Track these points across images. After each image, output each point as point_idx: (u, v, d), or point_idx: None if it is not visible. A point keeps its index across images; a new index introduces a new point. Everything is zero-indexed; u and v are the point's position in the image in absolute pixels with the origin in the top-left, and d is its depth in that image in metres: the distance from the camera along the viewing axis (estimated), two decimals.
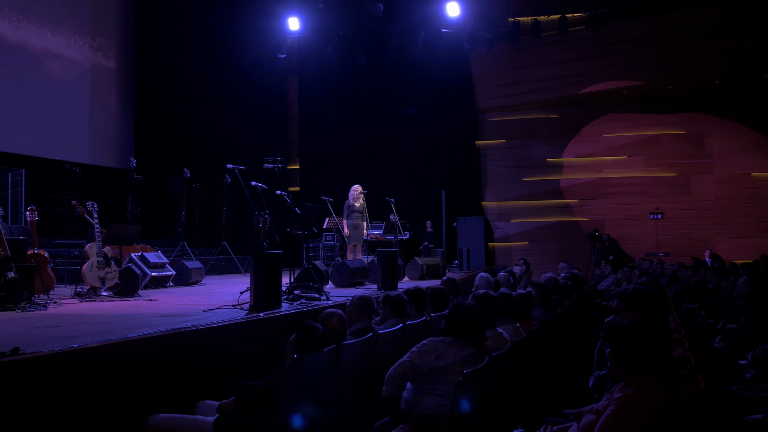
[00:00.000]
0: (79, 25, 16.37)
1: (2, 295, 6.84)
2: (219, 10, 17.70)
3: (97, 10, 16.95)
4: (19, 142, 14.18)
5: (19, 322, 5.84)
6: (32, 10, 15.03)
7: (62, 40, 15.84)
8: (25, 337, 4.78)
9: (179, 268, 10.86)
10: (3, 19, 14.38)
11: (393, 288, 9.20)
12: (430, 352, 3.94)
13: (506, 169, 18.59)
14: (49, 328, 5.35)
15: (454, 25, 17.11)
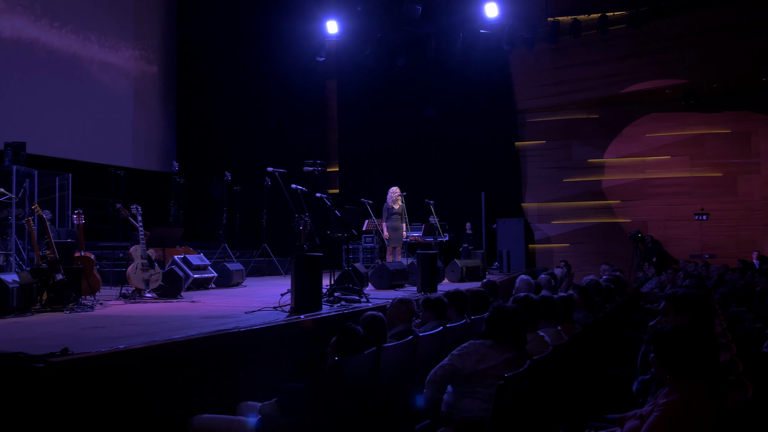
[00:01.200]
0: (123, 33, 16.70)
1: (51, 297, 7.02)
2: (258, 15, 17.88)
3: (140, 17, 17.27)
4: (66, 147, 14.52)
5: (68, 323, 5.99)
6: (78, 20, 15.39)
7: (107, 48, 16.17)
8: (73, 338, 4.90)
9: (221, 270, 11.00)
10: (50, 30, 14.75)
11: (433, 290, 9.18)
12: (471, 355, 3.93)
13: (546, 170, 18.42)
14: (96, 329, 5.47)
15: (493, 26, 17.02)
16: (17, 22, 14.17)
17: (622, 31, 16.81)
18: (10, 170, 10.17)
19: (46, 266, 7.08)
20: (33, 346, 4.19)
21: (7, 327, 5.63)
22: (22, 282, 6.64)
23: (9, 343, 4.51)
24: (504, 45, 17.17)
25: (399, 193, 12.25)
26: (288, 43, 17.89)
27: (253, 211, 14.50)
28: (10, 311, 6.34)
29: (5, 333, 5.24)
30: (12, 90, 13.80)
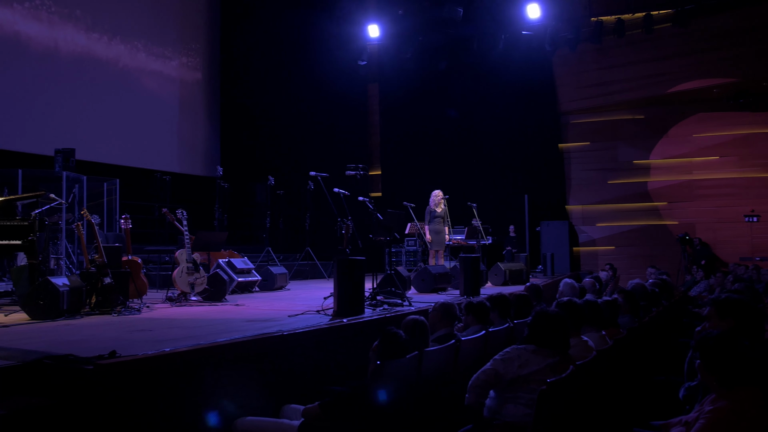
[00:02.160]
0: (169, 41, 17.02)
1: (100, 300, 7.18)
2: (301, 20, 18.03)
3: (185, 25, 17.57)
4: (113, 152, 14.84)
5: (115, 325, 6.11)
6: (126, 30, 15.75)
7: (153, 56, 16.50)
8: (120, 341, 5.00)
9: (264, 273, 11.12)
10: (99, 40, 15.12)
11: (475, 294, 9.14)
12: (513, 360, 3.91)
13: (591, 171, 18.19)
14: (143, 332, 5.57)
15: (535, 27, 16.88)
16: (69, 34, 14.55)
17: (668, 29, 16.51)
18: (60, 176, 10.46)
19: (94, 270, 7.25)
20: (82, 349, 4.30)
21: (58, 329, 5.78)
22: (72, 285, 6.80)
23: (59, 345, 4.63)
24: (546, 46, 17.01)
25: (441, 196, 12.23)
26: (330, 48, 18.00)
27: (296, 214, 14.63)
28: (60, 314, 6.50)
29: (56, 335, 5.38)
30: (62, 98, 14.16)
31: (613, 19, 16.62)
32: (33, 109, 13.54)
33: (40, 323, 6.23)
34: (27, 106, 13.45)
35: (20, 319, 6.47)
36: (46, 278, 6.67)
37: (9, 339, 5.07)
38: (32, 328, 5.87)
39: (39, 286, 6.60)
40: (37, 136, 13.20)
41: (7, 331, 5.67)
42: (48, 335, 5.38)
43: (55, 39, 14.33)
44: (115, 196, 12.33)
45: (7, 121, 13.03)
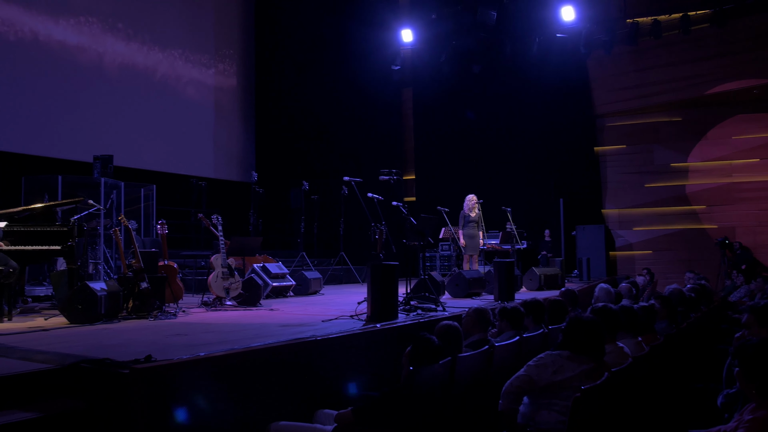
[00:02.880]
0: (204, 48, 17.22)
1: (136, 304, 7.28)
2: (335, 25, 18.12)
3: (219, 32, 17.77)
4: (150, 158, 15.05)
5: (152, 329, 6.19)
6: (161, 37, 15.98)
7: (188, 63, 16.72)
8: (156, 345, 5.07)
9: (299, 278, 11.17)
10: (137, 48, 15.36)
11: (510, 299, 9.09)
12: (548, 366, 3.87)
13: (627, 175, 17.95)
14: (179, 337, 5.64)
15: (570, 30, 16.74)
16: (110, 45, 14.80)
17: (706, 30, 16.25)
18: (98, 182, 10.63)
19: (131, 275, 7.36)
20: (119, 353, 4.37)
21: (96, 333, 5.87)
22: (110, 290, 6.91)
23: (97, 349, 4.71)
24: (581, 48, 16.86)
25: (476, 200, 12.19)
26: (364, 53, 18.06)
27: (330, 219, 14.66)
28: (98, 318, 6.61)
29: (94, 339, 5.47)
30: (101, 106, 14.41)
31: (650, 21, 16.41)
32: (72, 117, 13.80)
33: (78, 327, 6.34)
34: (67, 114, 13.71)
35: (59, 323, 6.59)
36: (84, 283, 6.78)
37: (48, 342, 5.17)
38: (71, 332, 5.97)
39: (78, 290, 6.72)
40: (77, 143, 13.45)
41: (47, 334, 5.79)
42: (86, 339, 5.47)
43: (96, 50, 14.60)
44: (152, 201, 12.50)
45: (47, 129, 13.30)
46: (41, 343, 5.14)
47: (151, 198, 12.50)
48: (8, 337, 5.43)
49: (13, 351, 4.63)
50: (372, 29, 17.94)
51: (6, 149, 12.57)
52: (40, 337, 5.55)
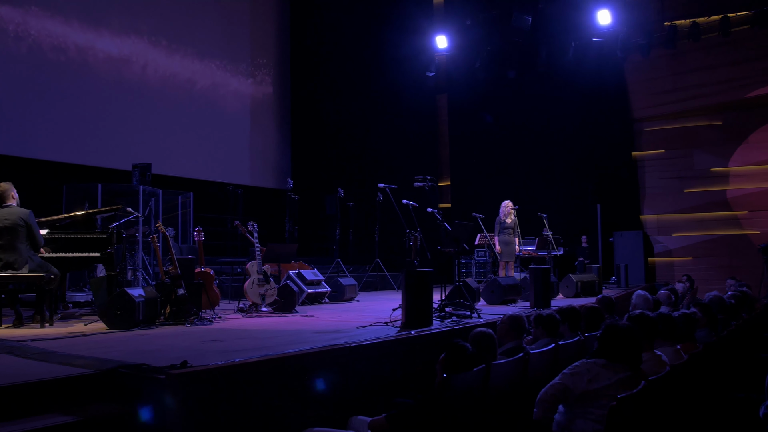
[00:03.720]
0: (240, 57, 17.44)
1: (174, 310, 7.37)
2: (369, 33, 18.21)
3: (255, 41, 17.98)
4: (188, 166, 15.27)
5: (188, 335, 6.26)
6: (199, 47, 16.25)
7: (225, 72, 16.95)
8: (192, 351, 5.12)
9: (334, 284, 11.21)
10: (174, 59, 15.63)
11: (546, 306, 9.01)
12: (583, 375, 3.81)
13: (666, 180, 17.67)
14: (214, 342, 5.69)
15: (606, 34, 16.55)
16: (149, 56, 15.08)
17: (746, 32, 15.95)
18: (137, 190, 10.80)
19: (169, 281, 7.45)
20: (155, 358, 4.42)
21: (134, 339, 5.95)
22: (148, 296, 7.00)
23: (134, 355, 4.77)
24: (618, 52, 16.66)
25: (511, 206, 12.12)
26: (399, 59, 18.09)
27: (366, 226, 14.71)
28: (136, 324, 6.70)
29: (131, 344, 5.54)
30: (140, 115, 14.67)
31: (688, 23, 16.17)
32: (112, 126, 14.07)
33: (117, 333, 6.43)
34: (106, 123, 13.98)
35: (99, 328, 6.69)
36: (122, 289, 6.88)
37: (87, 348, 5.26)
38: (109, 338, 6.06)
39: (116, 296, 6.82)
40: (116, 152, 13.71)
41: (86, 340, 5.88)
42: (124, 344, 5.55)
43: (137, 62, 14.89)
44: (189, 209, 12.66)
45: (88, 138, 13.58)
46: (80, 348, 5.23)
47: (188, 205, 12.67)
48: (49, 342, 5.54)
49: (53, 355, 4.72)
50: (407, 36, 17.97)
51: (48, 158, 12.88)
52: (79, 342, 5.64)
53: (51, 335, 6.07)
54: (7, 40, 12.65)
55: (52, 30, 13.34)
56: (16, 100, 12.64)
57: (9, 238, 6.84)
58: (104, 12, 14.30)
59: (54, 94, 13.24)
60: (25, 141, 12.68)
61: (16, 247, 6.85)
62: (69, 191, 10.82)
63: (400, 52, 18.05)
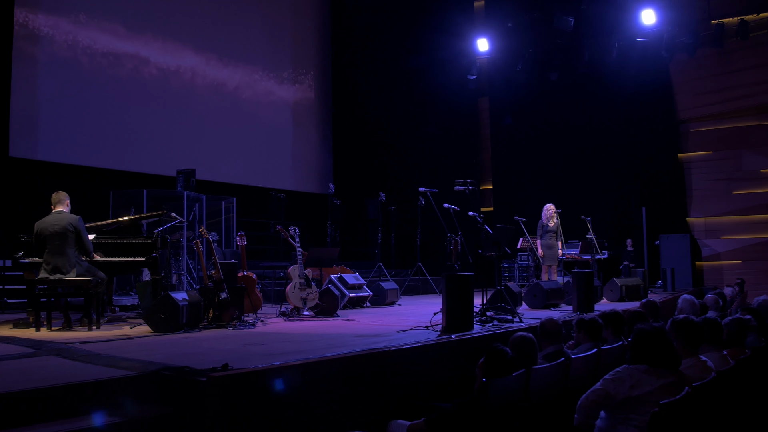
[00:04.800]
0: (282, 63, 17.62)
1: (216, 314, 7.48)
2: (409, 37, 18.22)
3: (297, 47, 18.15)
4: (231, 172, 15.49)
5: (231, 339, 6.34)
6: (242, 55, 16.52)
7: (267, 78, 17.14)
8: (234, 354, 5.19)
9: (376, 288, 11.22)
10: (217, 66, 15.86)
11: (589, 310, 8.89)
12: (624, 381, 3.75)
13: (714, 182, 17.29)
14: (256, 346, 5.75)
15: (650, 33, 16.28)
16: (191, 62, 15.33)
17: None
18: (181, 196, 10.98)
19: (212, 285, 7.55)
20: (197, 361, 4.49)
21: (177, 342, 6.05)
22: (191, 300, 7.11)
23: (177, 357, 4.85)
24: (663, 52, 16.37)
25: (554, 210, 12.01)
26: (440, 63, 18.05)
27: (408, 230, 14.69)
28: (180, 327, 6.80)
29: (175, 348, 5.63)
30: (184, 122, 14.92)
31: (736, 21, 15.82)
32: (157, 132, 14.34)
33: (161, 336, 6.54)
34: (152, 130, 14.26)
35: (143, 331, 6.82)
36: (167, 293, 7.00)
37: (132, 350, 5.36)
38: (153, 341, 6.17)
39: (160, 300, 6.94)
40: (161, 158, 13.96)
41: (131, 342, 6.00)
42: (167, 347, 5.64)
43: (180, 70, 15.15)
44: (232, 214, 12.83)
45: (134, 145, 13.86)
46: (125, 350, 5.34)
47: (231, 210, 12.83)
48: (95, 345, 5.66)
49: (99, 358, 4.82)
50: (448, 39, 17.93)
51: (96, 165, 13.17)
52: (124, 345, 5.75)
53: (97, 338, 6.21)
54: (56, 51, 12.99)
55: (100, 40, 13.66)
56: (66, 110, 12.96)
57: (58, 243, 7.01)
58: (152, 23, 14.60)
59: (102, 103, 13.55)
60: (74, 149, 13.00)
61: (64, 251, 7.02)
62: (116, 197, 11.06)
63: (441, 55, 18.02)
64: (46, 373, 4.33)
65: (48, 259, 7.02)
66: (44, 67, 12.78)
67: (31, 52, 12.62)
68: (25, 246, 7.62)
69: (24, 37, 12.47)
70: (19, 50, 12.32)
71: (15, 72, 12.15)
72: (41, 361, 4.95)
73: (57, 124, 12.79)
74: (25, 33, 12.50)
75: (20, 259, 7.60)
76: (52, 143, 12.71)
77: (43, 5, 12.83)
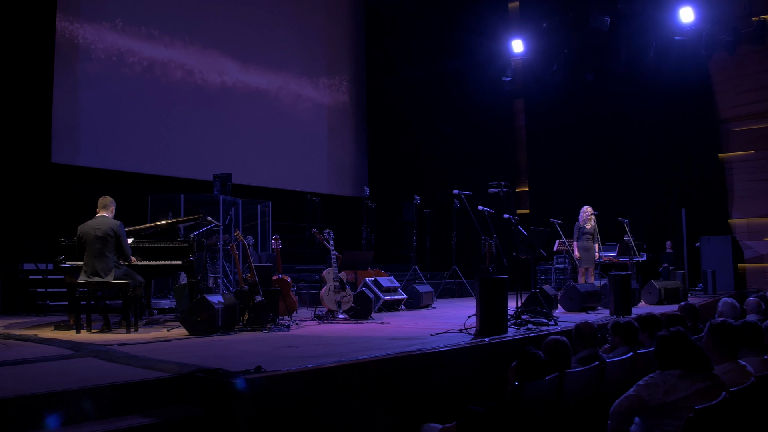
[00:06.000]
0: (317, 68, 17.74)
1: (251, 317, 7.54)
2: (443, 39, 18.21)
3: (331, 51, 18.25)
4: (267, 176, 15.64)
5: (265, 341, 6.39)
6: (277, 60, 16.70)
7: (302, 82, 17.28)
8: (268, 356, 5.23)
9: (410, 291, 11.22)
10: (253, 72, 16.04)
11: (626, 313, 8.78)
12: (659, 386, 3.69)
13: (756, 182, 16.90)
14: (289, 348, 5.79)
15: (689, 31, 16.00)
16: (228, 67, 15.52)
17: None
18: (217, 200, 11.10)
19: (247, 288, 7.62)
20: (231, 363, 4.53)
21: (213, 344, 6.12)
22: (227, 303, 7.18)
23: (212, 359, 4.91)
24: (702, 51, 16.06)
25: (591, 212, 11.89)
26: (474, 65, 18.00)
27: (442, 233, 14.66)
28: (216, 330, 6.88)
29: (210, 350, 5.70)
30: (220, 127, 15.10)
31: None
32: (194, 138, 14.55)
33: (197, 338, 6.63)
34: (189, 135, 14.47)
35: (180, 334, 6.91)
36: (203, 296, 7.08)
37: (168, 352, 5.43)
38: (189, 343, 6.25)
39: (197, 303, 7.03)
40: (198, 163, 14.16)
41: (168, 345, 6.08)
42: (203, 350, 5.71)
43: (216, 76, 15.34)
44: (268, 217, 12.93)
45: (171, 151, 14.08)
46: (162, 352, 5.41)
47: (267, 214, 12.94)
48: (133, 347, 5.75)
49: (135, 359, 4.90)
50: (482, 41, 17.87)
51: (134, 170, 13.40)
52: (161, 347, 5.83)
53: (135, 340, 6.31)
54: (95, 58, 13.25)
55: (138, 47, 13.90)
56: (106, 116, 13.22)
57: (99, 247, 7.16)
58: (189, 29, 14.82)
59: (140, 109, 13.80)
60: (113, 154, 13.25)
61: (104, 255, 7.16)
62: (153, 201, 11.22)
63: (476, 57, 17.96)
64: (84, 374, 4.41)
65: (88, 262, 7.17)
66: (84, 75, 13.06)
67: (72, 59, 12.90)
68: (66, 250, 7.78)
69: (65, 45, 12.75)
70: (61, 58, 12.60)
71: (57, 80, 12.43)
72: (80, 362, 5.04)
73: (97, 130, 13.04)
74: (66, 41, 12.78)
75: (61, 262, 7.75)
76: (93, 149, 12.97)
77: (83, 14, 13.10)
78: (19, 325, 8.21)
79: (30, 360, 5.05)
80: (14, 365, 4.83)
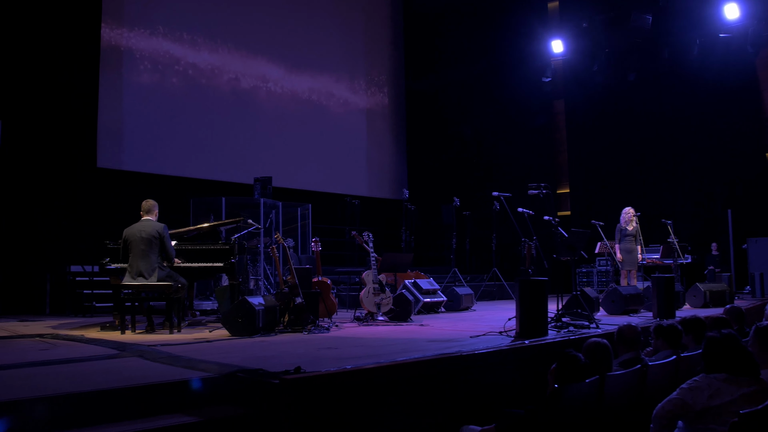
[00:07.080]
0: (356, 71, 17.83)
1: (291, 319, 7.61)
2: (483, 40, 18.14)
3: (370, 54, 18.33)
4: (306, 179, 15.76)
5: (305, 343, 6.44)
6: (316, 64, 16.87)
7: (342, 86, 17.39)
8: (307, 357, 5.27)
9: (450, 294, 11.19)
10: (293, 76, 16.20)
11: (670, 316, 8.63)
12: (703, 390, 3.62)
13: None
14: (329, 350, 5.82)
15: (734, 29, 15.66)
16: (267, 71, 15.70)
17: None
18: (258, 203, 11.22)
19: (287, 290, 7.69)
20: (271, 364, 4.58)
21: (253, 345, 6.19)
22: (267, 305, 7.25)
23: (252, 360, 4.97)
24: (748, 48, 15.70)
25: (633, 213, 11.71)
26: (514, 66, 17.90)
27: (482, 235, 14.60)
28: (256, 331, 6.95)
29: (251, 351, 5.77)
30: (260, 130, 15.29)
31: None
32: (235, 142, 14.74)
33: (238, 339, 6.71)
34: (229, 139, 14.67)
35: (222, 335, 7.01)
36: (244, 298, 7.16)
37: (210, 353, 5.51)
38: (230, 344, 6.33)
39: (238, 305, 7.11)
40: (239, 167, 14.33)
41: (210, 345, 6.17)
42: (243, 351, 5.78)
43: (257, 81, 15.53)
44: (308, 220, 13.02)
45: (212, 154, 14.28)
46: (203, 353, 5.49)
47: (307, 217, 13.03)
48: (175, 347, 5.85)
49: (178, 360, 4.98)
50: (522, 42, 17.76)
51: (177, 174, 13.63)
52: (203, 348, 5.92)
53: (178, 341, 6.41)
54: (139, 63, 13.51)
55: (179, 52, 14.14)
56: (149, 121, 13.48)
57: (144, 249, 7.30)
58: (230, 34, 15.03)
59: (182, 113, 14.03)
60: (156, 158, 13.50)
61: (148, 257, 7.31)
62: (195, 205, 11.39)
63: (516, 58, 17.85)
64: (128, 373, 4.50)
65: (132, 263, 7.32)
66: (128, 81, 13.33)
67: (117, 66, 13.18)
68: (112, 252, 7.95)
69: (110, 51, 13.03)
70: (106, 64, 12.88)
71: (102, 86, 12.71)
72: (125, 362, 5.15)
73: (140, 134, 13.30)
74: (110, 48, 13.06)
75: (107, 264, 7.92)
76: (136, 153, 13.23)
77: (126, 20, 13.38)
78: (67, 325, 8.41)
79: (77, 359, 5.18)
80: (62, 364, 4.96)
